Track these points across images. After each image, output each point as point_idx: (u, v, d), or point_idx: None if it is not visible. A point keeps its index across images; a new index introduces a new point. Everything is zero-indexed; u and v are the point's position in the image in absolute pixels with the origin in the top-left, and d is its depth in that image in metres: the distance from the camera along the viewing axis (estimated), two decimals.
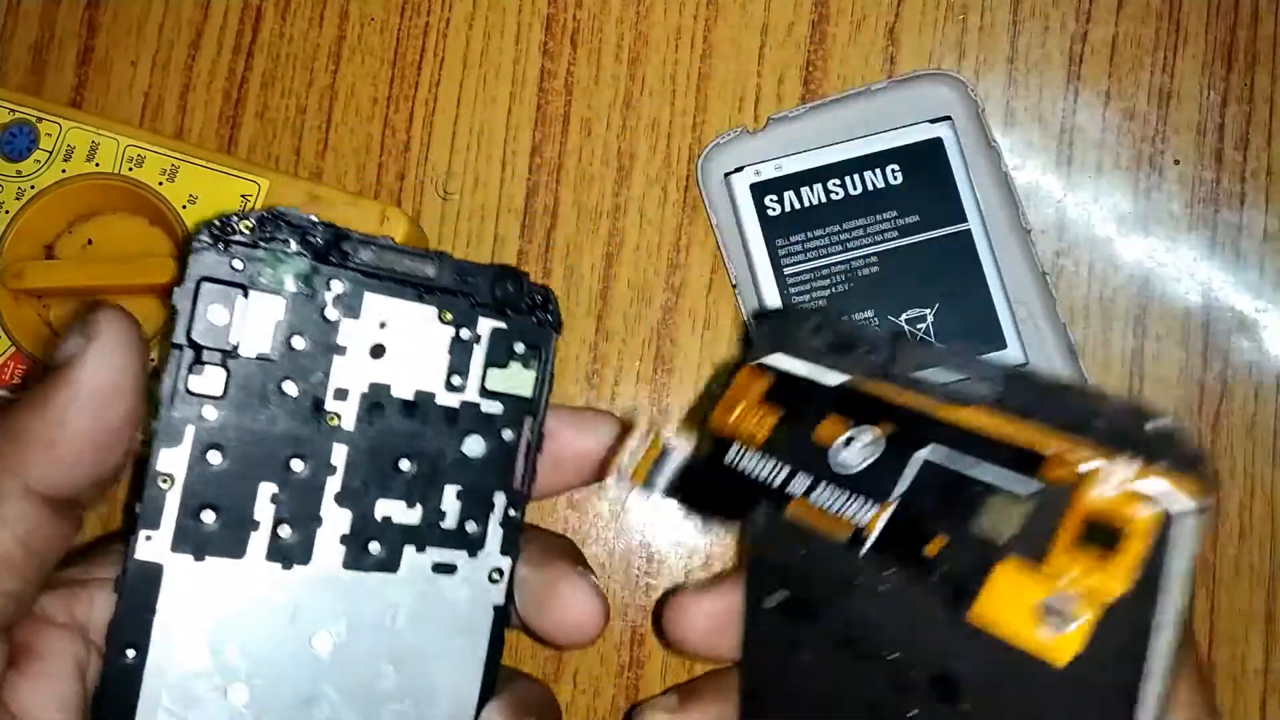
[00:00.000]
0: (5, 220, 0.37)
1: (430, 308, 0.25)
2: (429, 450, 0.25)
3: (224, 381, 0.23)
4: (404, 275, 0.24)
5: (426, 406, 0.25)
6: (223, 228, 0.22)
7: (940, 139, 0.37)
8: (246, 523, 0.23)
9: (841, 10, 0.39)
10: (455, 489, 0.25)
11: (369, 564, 0.24)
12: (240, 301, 0.23)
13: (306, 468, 0.23)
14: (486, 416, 0.25)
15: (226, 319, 0.22)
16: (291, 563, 0.23)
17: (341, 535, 0.24)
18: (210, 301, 0.22)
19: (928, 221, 0.36)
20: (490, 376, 0.25)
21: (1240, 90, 0.39)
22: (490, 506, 0.26)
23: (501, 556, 0.26)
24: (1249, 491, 0.37)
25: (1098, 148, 0.39)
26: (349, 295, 0.24)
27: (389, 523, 0.24)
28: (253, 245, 0.23)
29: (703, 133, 0.39)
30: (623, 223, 0.39)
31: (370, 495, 0.24)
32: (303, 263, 0.23)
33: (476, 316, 0.25)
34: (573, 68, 0.39)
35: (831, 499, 0.22)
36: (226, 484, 0.23)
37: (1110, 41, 0.39)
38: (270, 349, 0.23)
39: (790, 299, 0.36)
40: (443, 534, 0.25)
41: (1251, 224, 0.38)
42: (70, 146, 0.37)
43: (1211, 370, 0.38)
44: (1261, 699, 0.37)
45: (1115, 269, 0.38)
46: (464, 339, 0.25)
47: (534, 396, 0.26)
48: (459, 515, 0.25)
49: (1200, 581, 0.37)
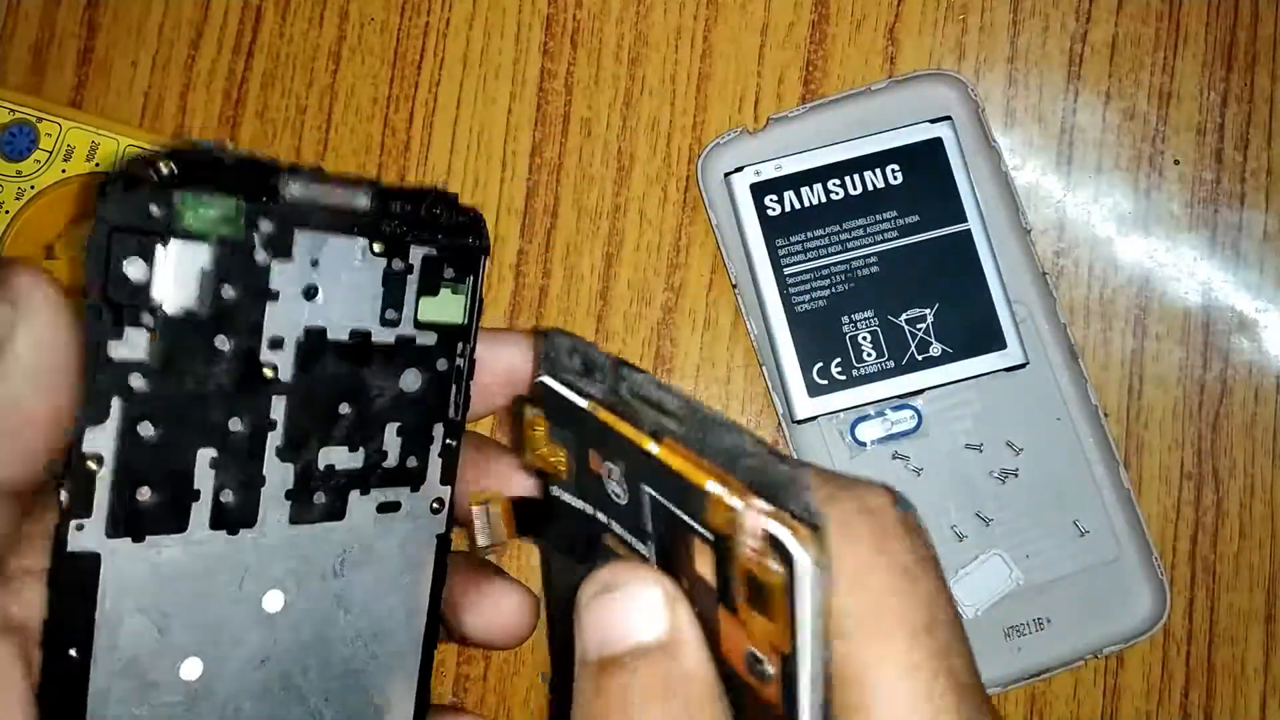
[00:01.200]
0: (5, 220, 0.37)
1: (361, 239, 0.23)
2: (368, 391, 0.23)
3: (148, 344, 0.20)
4: (334, 208, 0.22)
5: (363, 345, 0.23)
6: (138, 167, 0.20)
7: (940, 139, 0.37)
8: (186, 494, 0.21)
9: (841, 10, 0.39)
10: (395, 426, 0.24)
11: (315, 515, 0.23)
12: (160, 251, 0.20)
13: (245, 426, 0.22)
14: (421, 349, 0.24)
15: (146, 273, 0.20)
16: (237, 528, 0.22)
17: (286, 491, 0.23)
18: (126, 254, 0.20)
19: (928, 221, 0.36)
20: (422, 307, 0.24)
21: (1240, 90, 0.39)
22: (430, 439, 0.25)
23: (441, 486, 0.25)
24: (1249, 491, 0.37)
25: (1098, 148, 0.39)
26: (278, 235, 0.21)
27: (332, 470, 0.23)
28: (171, 186, 0.20)
29: (703, 133, 0.39)
30: (623, 223, 0.38)
31: (312, 446, 0.23)
32: (227, 203, 0.21)
33: (408, 245, 0.23)
34: (573, 68, 0.39)
35: (623, 533, 0.22)
36: (161, 456, 0.21)
37: (1110, 41, 0.39)
38: (197, 303, 0.20)
39: (790, 299, 0.36)
40: (385, 473, 0.24)
41: (1251, 224, 0.38)
42: (70, 146, 0.37)
43: (1211, 370, 0.38)
44: (1261, 699, 0.37)
45: (1115, 269, 0.38)
46: (396, 270, 0.23)
47: (465, 323, 0.25)
48: (400, 452, 0.24)
49: (1200, 582, 0.37)
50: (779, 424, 0.37)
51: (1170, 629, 0.37)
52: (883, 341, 0.36)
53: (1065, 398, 0.37)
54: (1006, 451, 0.37)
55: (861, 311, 0.36)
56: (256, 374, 0.22)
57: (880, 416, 0.37)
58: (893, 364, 0.36)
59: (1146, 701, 0.37)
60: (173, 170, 0.20)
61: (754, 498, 0.16)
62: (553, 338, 0.23)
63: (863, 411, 0.37)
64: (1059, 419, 0.37)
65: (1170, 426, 0.38)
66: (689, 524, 0.18)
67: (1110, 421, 0.37)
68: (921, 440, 0.37)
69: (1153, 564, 0.36)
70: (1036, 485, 0.36)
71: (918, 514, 0.19)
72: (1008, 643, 0.36)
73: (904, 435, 0.37)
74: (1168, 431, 0.38)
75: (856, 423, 0.37)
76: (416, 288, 0.24)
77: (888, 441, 0.37)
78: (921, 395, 0.36)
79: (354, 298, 0.23)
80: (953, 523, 0.36)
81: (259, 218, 0.21)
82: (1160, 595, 0.36)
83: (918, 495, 0.36)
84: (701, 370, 0.38)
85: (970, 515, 0.36)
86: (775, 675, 0.17)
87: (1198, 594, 0.37)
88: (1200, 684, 0.37)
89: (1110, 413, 0.37)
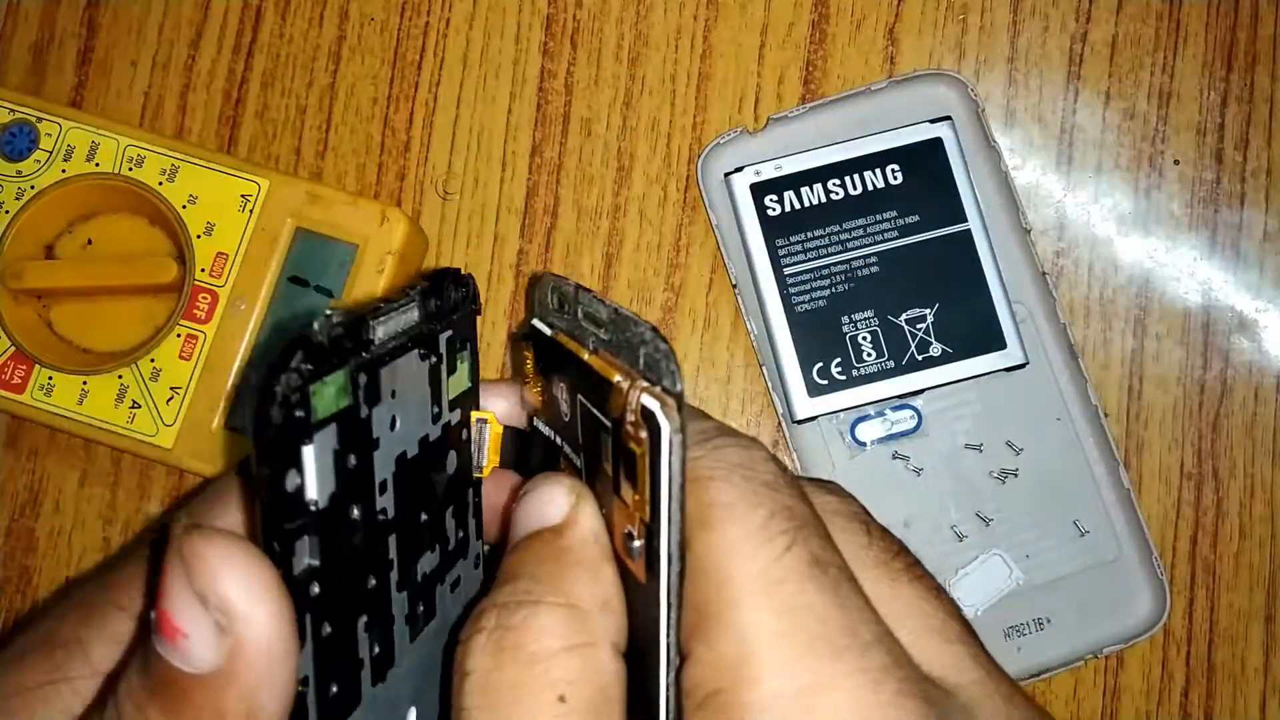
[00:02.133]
0: (5, 220, 0.37)
1: (414, 350, 0.22)
2: (434, 489, 0.23)
3: (311, 547, 0.18)
4: (404, 334, 0.21)
5: (426, 450, 0.22)
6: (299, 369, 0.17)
7: (940, 139, 0.37)
8: (357, 668, 0.20)
9: (841, 10, 0.39)
10: (449, 510, 0.24)
11: (423, 624, 0.23)
12: (306, 452, 0.18)
13: (377, 580, 0.21)
14: (454, 428, 0.24)
15: (298, 480, 0.18)
16: (385, 672, 0.21)
17: (405, 617, 0.22)
18: (282, 471, 0.17)
19: (928, 221, 0.36)
20: (449, 388, 0.23)
21: (1240, 90, 0.39)
22: (467, 505, 0.25)
23: (477, 542, 0.25)
24: (1249, 491, 0.37)
25: (1098, 148, 0.39)
26: (371, 383, 0.20)
27: (426, 577, 0.23)
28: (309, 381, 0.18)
29: (703, 133, 0.39)
30: (623, 223, 0.38)
31: (412, 564, 0.22)
32: (339, 375, 0.19)
33: (438, 336, 0.23)
34: (573, 68, 0.39)
35: (569, 450, 0.23)
36: (338, 646, 0.19)
37: (1110, 41, 0.39)
38: (336, 485, 0.19)
39: (790, 299, 0.36)
40: (449, 555, 0.24)
41: (1251, 224, 0.38)
42: (70, 146, 0.37)
43: (1211, 370, 0.38)
44: (1261, 699, 0.37)
45: (1115, 269, 0.38)
46: (434, 365, 0.23)
47: (472, 384, 0.25)
48: (455, 531, 0.24)
49: (1200, 582, 0.37)
50: (779, 424, 0.37)
51: (1170, 629, 0.37)
52: (883, 341, 0.36)
53: (1065, 398, 0.37)
54: (1006, 451, 0.37)
55: (861, 311, 0.36)
56: (375, 525, 0.21)
57: (880, 416, 0.37)
58: (893, 364, 0.36)
59: (1146, 701, 0.37)
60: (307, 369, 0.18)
61: (639, 379, 0.18)
62: (540, 280, 0.24)
63: (863, 411, 0.37)
64: (1059, 419, 0.37)
65: (1170, 426, 0.38)
66: (602, 421, 0.20)
67: (1110, 421, 0.37)
68: (921, 440, 0.37)
69: (1153, 564, 0.36)
70: (1036, 485, 0.36)
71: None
72: (1008, 643, 0.36)
73: (904, 435, 0.37)
74: (1168, 431, 0.38)
75: (856, 423, 0.37)
76: (445, 372, 0.23)
77: (888, 441, 0.37)
78: (921, 395, 0.36)
79: (416, 408, 0.22)
80: (953, 523, 0.36)
81: (359, 375, 0.20)
82: (1160, 595, 0.36)
83: (918, 495, 0.36)
84: (701, 370, 0.38)
85: (970, 515, 0.36)
86: (641, 548, 0.18)
87: (1198, 594, 0.37)
88: (1200, 684, 0.37)
89: (1110, 413, 0.37)
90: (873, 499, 0.36)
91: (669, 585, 0.18)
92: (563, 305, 0.23)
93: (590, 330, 0.21)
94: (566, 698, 0.18)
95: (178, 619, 0.16)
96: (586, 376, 0.20)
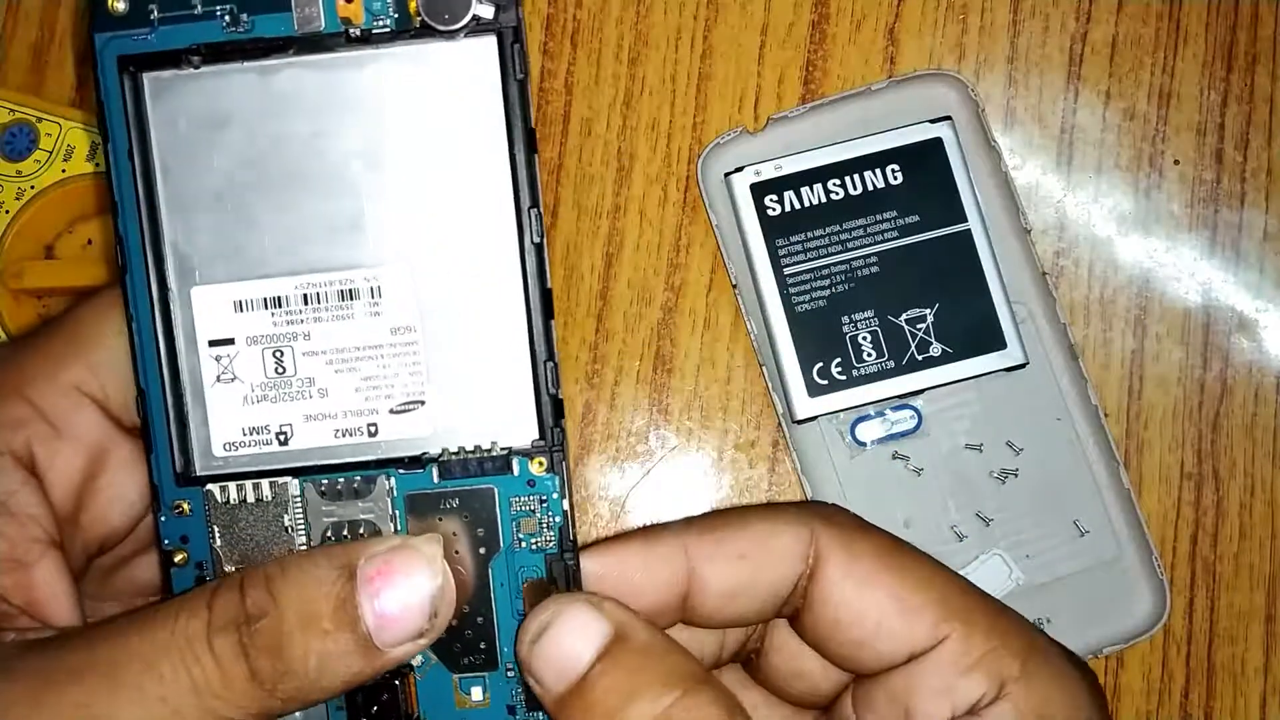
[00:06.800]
0: (5, 220, 0.37)
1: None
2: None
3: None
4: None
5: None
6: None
7: (940, 139, 0.37)
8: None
9: (841, 10, 0.39)
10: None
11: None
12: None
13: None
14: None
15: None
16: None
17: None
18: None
19: (928, 221, 0.36)
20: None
21: (1240, 90, 0.39)
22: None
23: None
24: (1249, 491, 0.37)
25: (1098, 148, 0.39)
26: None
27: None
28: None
29: (703, 133, 0.39)
30: (623, 223, 0.39)
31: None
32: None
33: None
34: (573, 68, 0.39)
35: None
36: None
37: (1110, 41, 0.39)
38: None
39: (790, 299, 0.36)
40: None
41: (1251, 224, 0.38)
42: (70, 146, 0.37)
43: (1211, 370, 0.38)
44: (1261, 699, 0.37)
45: (1115, 269, 0.38)
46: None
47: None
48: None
49: (1200, 581, 0.37)
50: (779, 424, 0.37)
51: (1170, 629, 0.37)
52: (883, 341, 0.36)
53: (1065, 398, 0.37)
54: (1006, 451, 0.37)
55: (861, 311, 0.36)
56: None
57: (880, 416, 0.37)
58: (893, 364, 0.36)
59: (1146, 701, 0.37)
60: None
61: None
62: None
63: (863, 411, 0.37)
64: (1059, 419, 0.37)
65: (1170, 426, 0.38)
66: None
67: (1110, 421, 0.37)
68: (921, 440, 0.37)
69: (1153, 564, 0.36)
70: (1036, 485, 0.36)
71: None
72: None
73: (904, 435, 0.37)
74: (1168, 431, 0.38)
75: (856, 423, 0.37)
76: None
77: (888, 441, 0.37)
78: (921, 395, 0.36)
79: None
80: (953, 523, 0.36)
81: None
82: (1160, 595, 0.36)
83: (918, 495, 0.36)
84: (701, 370, 0.38)
85: (970, 515, 0.36)
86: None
87: (1198, 594, 0.37)
88: (1200, 684, 0.37)
89: (1110, 413, 0.37)
90: (873, 499, 0.37)
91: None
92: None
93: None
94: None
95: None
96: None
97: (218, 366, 0.24)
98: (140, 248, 0.24)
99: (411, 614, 0.20)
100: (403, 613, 0.20)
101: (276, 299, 0.24)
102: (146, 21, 0.24)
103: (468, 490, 0.24)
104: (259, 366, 0.24)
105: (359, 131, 0.24)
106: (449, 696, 0.24)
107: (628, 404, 0.38)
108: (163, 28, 0.24)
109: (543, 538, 0.24)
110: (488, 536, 0.24)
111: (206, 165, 0.24)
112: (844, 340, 0.36)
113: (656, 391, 0.38)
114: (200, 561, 0.24)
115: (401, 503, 0.24)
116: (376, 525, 0.24)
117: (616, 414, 0.38)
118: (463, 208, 0.24)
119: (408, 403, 0.24)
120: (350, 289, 0.24)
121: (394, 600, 0.20)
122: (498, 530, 0.23)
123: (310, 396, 0.24)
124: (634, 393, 0.38)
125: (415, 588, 0.21)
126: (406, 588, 0.21)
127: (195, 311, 0.24)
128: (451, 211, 0.24)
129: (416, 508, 0.24)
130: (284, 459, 0.24)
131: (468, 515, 0.23)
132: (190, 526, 0.24)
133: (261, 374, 0.24)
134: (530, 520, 0.23)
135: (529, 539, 0.23)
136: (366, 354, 0.24)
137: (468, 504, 0.24)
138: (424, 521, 0.24)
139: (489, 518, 0.23)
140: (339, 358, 0.24)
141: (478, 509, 0.23)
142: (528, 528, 0.23)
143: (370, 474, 0.24)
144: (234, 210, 0.24)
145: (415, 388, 0.24)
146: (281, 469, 0.24)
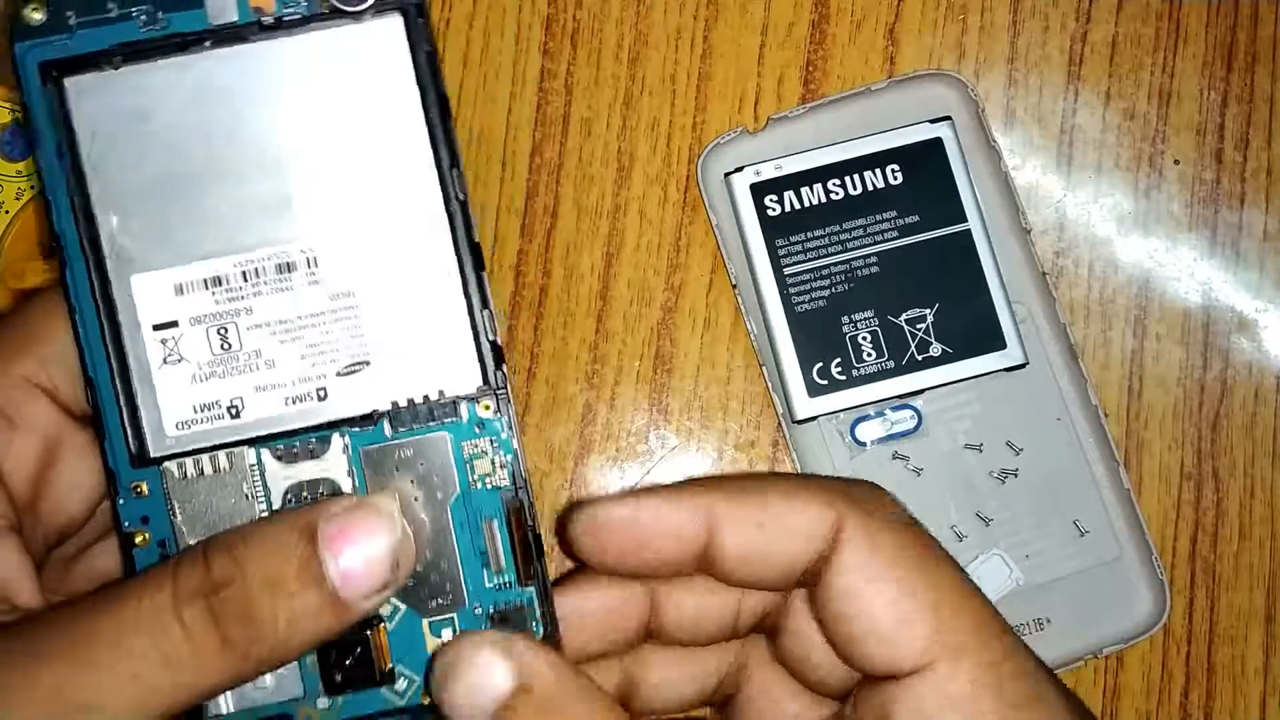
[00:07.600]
0: (5, 220, 0.37)
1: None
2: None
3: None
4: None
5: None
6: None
7: (940, 139, 0.37)
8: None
9: (841, 10, 0.39)
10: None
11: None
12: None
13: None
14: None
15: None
16: None
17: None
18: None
19: (928, 221, 0.36)
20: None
21: (1240, 90, 0.39)
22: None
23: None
24: (1249, 491, 0.37)
25: (1098, 148, 0.39)
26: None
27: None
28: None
29: (703, 133, 0.39)
30: (623, 223, 0.39)
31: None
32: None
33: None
34: (573, 68, 0.39)
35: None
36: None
37: (1110, 41, 0.39)
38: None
39: (790, 299, 0.36)
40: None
41: (1251, 224, 0.38)
42: None
43: (1211, 370, 0.38)
44: (1261, 699, 0.37)
45: (1115, 269, 0.38)
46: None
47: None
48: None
49: (1200, 581, 0.37)
50: (779, 424, 0.37)
51: (1170, 629, 0.37)
52: (883, 341, 0.36)
53: (1065, 398, 0.37)
54: (1006, 451, 0.37)
55: (861, 311, 0.36)
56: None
57: (880, 416, 0.37)
58: (893, 364, 0.36)
59: (1146, 701, 0.37)
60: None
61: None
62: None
63: (863, 411, 0.37)
64: (1059, 419, 0.37)
65: (1170, 426, 0.38)
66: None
67: (1110, 421, 0.37)
68: (921, 440, 0.37)
69: (1153, 564, 0.36)
70: (1036, 485, 0.36)
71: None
72: None
73: (904, 435, 0.37)
74: (1168, 431, 0.38)
75: (856, 423, 0.37)
76: None
77: (888, 441, 0.37)
78: (921, 395, 0.36)
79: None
80: (953, 523, 0.36)
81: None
82: (1160, 595, 0.36)
83: (918, 495, 0.36)
84: (701, 370, 0.38)
85: (970, 515, 0.36)
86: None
87: (1198, 594, 0.37)
88: (1200, 684, 0.37)
89: (1110, 413, 0.37)
90: None
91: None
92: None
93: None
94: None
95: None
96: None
97: (164, 349, 0.25)
98: (78, 243, 0.24)
99: (374, 567, 0.21)
100: (366, 566, 0.21)
101: (216, 279, 0.25)
102: (66, 27, 0.24)
103: (421, 440, 0.24)
104: (204, 345, 0.25)
105: (281, 114, 0.25)
106: (421, 642, 0.24)
107: (628, 404, 0.38)
108: (81, 32, 0.24)
109: (496, 476, 0.25)
110: (444, 481, 0.24)
111: (136, 159, 0.24)
112: (844, 340, 0.36)
113: (656, 391, 0.38)
114: (163, 539, 0.24)
115: (358, 458, 0.24)
116: (336, 484, 0.24)
117: (616, 414, 0.38)
118: (388, 176, 0.25)
119: (353, 365, 0.25)
120: (287, 261, 0.25)
121: (356, 556, 0.21)
122: (453, 474, 0.24)
123: (258, 369, 0.25)
124: (634, 393, 0.38)
125: (376, 543, 0.21)
126: (367, 544, 0.21)
127: (136, 298, 0.25)
128: (378, 181, 0.25)
129: (373, 462, 0.24)
130: (238, 431, 0.24)
131: (423, 463, 0.24)
132: (150, 507, 0.24)
133: (208, 352, 0.25)
134: (484, 460, 0.25)
135: (483, 479, 0.24)
136: (309, 322, 0.25)
137: (422, 452, 0.24)
138: (381, 475, 0.24)
139: (444, 463, 0.24)
140: (282, 328, 0.25)
141: (432, 456, 0.24)
142: (481, 469, 0.25)
143: (324, 434, 0.24)
144: (167, 199, 0.25)
145: (359, 350, 0.25)
146: (237, 440, 0.24)
